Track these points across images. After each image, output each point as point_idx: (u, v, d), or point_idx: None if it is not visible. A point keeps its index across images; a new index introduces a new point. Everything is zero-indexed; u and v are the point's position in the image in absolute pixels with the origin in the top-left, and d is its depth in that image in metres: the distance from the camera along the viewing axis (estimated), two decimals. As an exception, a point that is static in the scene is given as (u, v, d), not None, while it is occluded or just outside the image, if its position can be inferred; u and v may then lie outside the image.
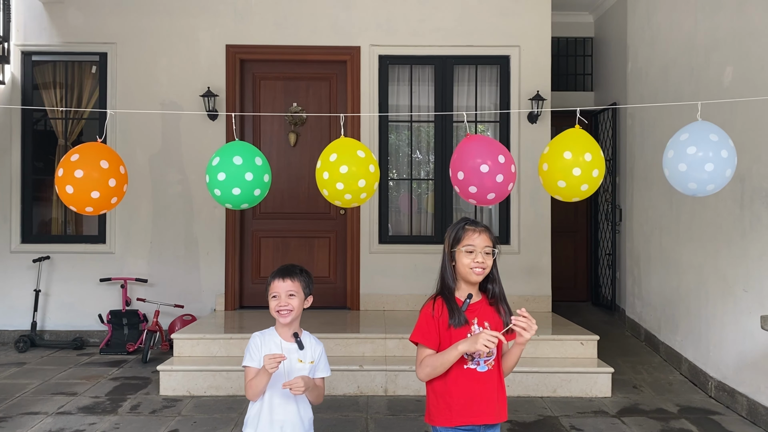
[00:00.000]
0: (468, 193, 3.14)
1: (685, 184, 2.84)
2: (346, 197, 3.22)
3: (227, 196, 3.14)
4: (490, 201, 3.17)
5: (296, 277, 2.55)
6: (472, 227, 2.39)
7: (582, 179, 3.01)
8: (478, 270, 2.34)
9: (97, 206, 3.15)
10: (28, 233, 6.57)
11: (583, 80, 8.32)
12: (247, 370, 2.51)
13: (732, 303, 4.60)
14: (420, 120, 6.65)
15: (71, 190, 3.08)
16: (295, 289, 2.53)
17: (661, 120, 5.85)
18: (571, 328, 5.59)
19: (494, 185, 3.08)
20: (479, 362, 2.34)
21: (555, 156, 3.06)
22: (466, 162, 3.10)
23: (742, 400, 4.45)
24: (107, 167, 3.11)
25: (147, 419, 4.37)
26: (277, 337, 2.57)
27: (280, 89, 6.57)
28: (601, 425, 4.31)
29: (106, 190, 3.10)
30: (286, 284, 2.52)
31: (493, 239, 2.39)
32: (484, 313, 2.41)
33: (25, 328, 6.34)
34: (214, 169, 3.11)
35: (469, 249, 2.35)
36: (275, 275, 2.56)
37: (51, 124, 6.71)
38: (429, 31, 6.43)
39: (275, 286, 2.53)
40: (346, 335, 5.29)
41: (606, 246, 7.65)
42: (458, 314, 2.34)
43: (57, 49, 6.51)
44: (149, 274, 6.40)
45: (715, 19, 4.88)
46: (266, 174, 3.23)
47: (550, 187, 3.16)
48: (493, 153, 3.10)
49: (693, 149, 2.74)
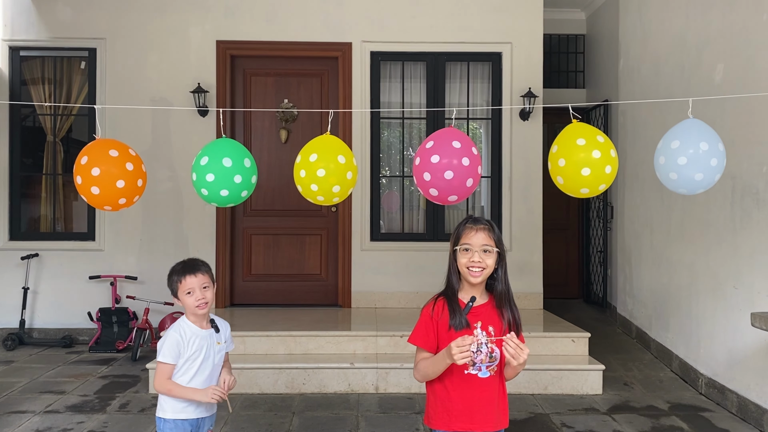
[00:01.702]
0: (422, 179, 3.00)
1: (675, 189, 2.87)
2: (319, 198, 3.21)
3: (214, 197, 3.11)
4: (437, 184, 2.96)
5: (205, 269, 2.70)
6: (472, 225, 2.28)
7: (604, 161, 2.82)
8: (476, 270, 2.23)
9: (128, 194, 3.14)
10: (17, 230, 6.50)
11: (575, 77, 8.32)
12: (164, 367, 2.63)
13: (722, 300, 4.61)
14: (412, 117, 6.63)
15: (97, 191, 3.07)
16: (207, 281, 2.68)
17: (653, 117, 5.85)
18: (562, 325, 5.59)
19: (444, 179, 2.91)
20: (480, 368, 2.25)
21: (568, 149, 2.91)
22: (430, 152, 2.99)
23: (732, 397, 4.46)
24: (117, 155, 3.09)
25: (136, 418, 4.34)
26: (194, 326, 2.70)
27: (271, 85, 6.53)
28: (592, 422, 4.31)
29: (127, 175, 3.09)
30: (199, 279, 2.65)
31: (495, 238, 2.28)
32: (490, 316, 2.29)
33: (13, 326, 6.29)
34: (202, 168, 3.08)
35: (465, 247, 2.26)
36: (185, 272, 2.66)
37: (39, 121, 6.64)
38: (421, 27, 6.40)
39: (188, 282, 2.64)
40: (338, 333, 5.27)
41: (597, 243, 7.66)
42: (459, 316, 2.24)
43: (45, 45, 6.44)
44: (139, 272, 6.35)
45: (707, 17, 4.89)
46: (254, 175, 3.22)
47: (573, 181, 2.91)
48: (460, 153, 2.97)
49: (683, 159, 2.74)
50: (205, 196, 3.15)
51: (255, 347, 5.19)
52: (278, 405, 4.62)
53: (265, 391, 4.89)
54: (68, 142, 6.67)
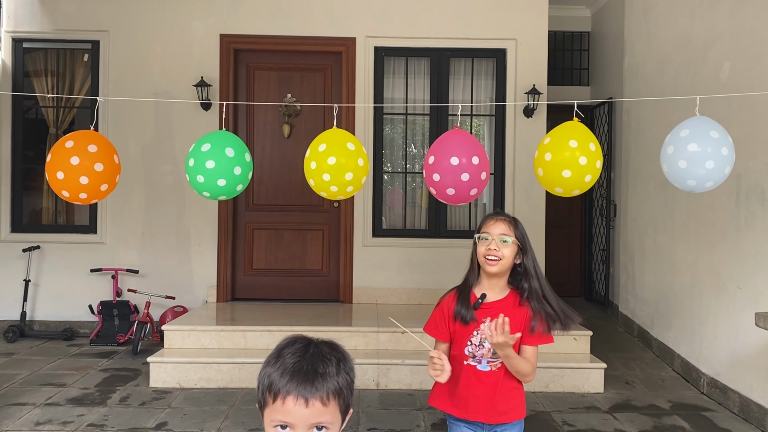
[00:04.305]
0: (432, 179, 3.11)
1: (683, 181, 2.81)
2: (332, 189, 3.16)
3: (210, 185, 3.09)
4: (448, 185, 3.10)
5: (333, 391, 1.26)
6: (493, 216, 2.32)
7: (587, 169, 2.92)
8: (492, 259, 2.25)
9: (90, 192, 3.11)
10: (18, 223, 6.49)
11: (579, 75, 8.29)
12: None
13: (726, 300, 4.59)
14: (415, 113, 6.60)
15: (62, 176, 3.04)
16: (328, 416, 1.25)
17: (657, 116, 5.83)
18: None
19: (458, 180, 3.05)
20: (480, 360, 2.28)
21: (558, 146, 2.97)
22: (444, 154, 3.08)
23: (735, 397, 4.45)
24: (96, 151, 3.07)
25: (136, 411, 4.34)
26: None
27: (274, 80, 6.51)
28: (593, 421, 4.29)
29: (94, 175, 3.06)
30: (312, 411, 1.23)
31: (515, 231, 2.28)
32: (505, 313, 2.16)
33: (14, 318, 6.28)
34: (202, 155, 3.06)
35: (485, 236, 2.28)
36: (290, 384, 1.23)
37: (42, 113, 6.63)
38: (425, 23, 6.38)
39: (288, 410, 1.22)
40: (339, 328, 5.26)
41: (600, 241, 7.64)
42: (466, 309, 2.26)
43: (48, 37, 6.42)
44: (140, 265, 6.34)
45: (713, 15, 4.85)
46: (251, 171, 3.22)
47: (552, 178, 3.01)
48: (469, 151, 3.07)
49: (694, 146, 2.70)
50: (200, 183, 3.11)
51: (256, 342, 5.18)
52: (279, 400, 4.61)
53: (266, 385, 4.87)
54: (71, 134, 6.65)
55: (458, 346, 2.30)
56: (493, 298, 2.30)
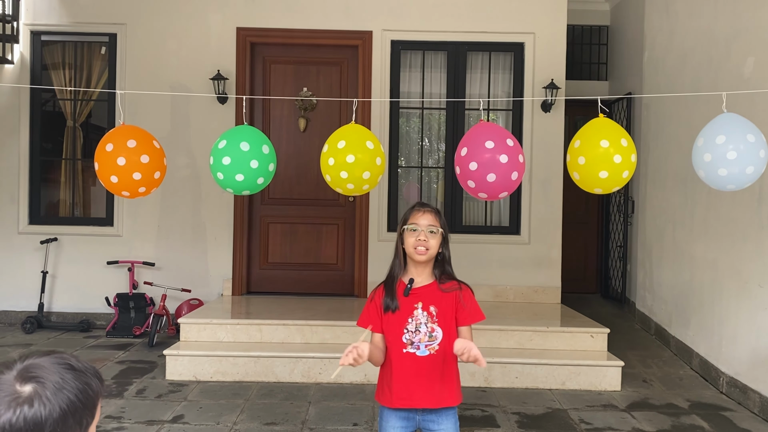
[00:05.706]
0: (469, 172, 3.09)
1: (723, 186, 2.82)
2: (349, 186, 3.16)
3: (229, 181, 3.09)
4: (491, 183, 3.09)
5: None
6: (420, 208, 2.43)
7: (623, 166, 2.90)
8: (421, 249, 2.36)
9: (147, 184, 3.15)
10: (36, 215, 6.54)
11: (597, 69, 8.20)
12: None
13: (747, 299, 4.53)
14: (431, 107, 6.56)
15: (116, 179, 3.10)
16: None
17: (678, 111, 5.74)
18: (580, 320, 5.53)
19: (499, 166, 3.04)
20: (419, 346, 2.34)
21: (590, 149, 2.95)
22: (477, 147, 3.05)
23: (755, 397, 4.39)
24: (135, 145, 3.09)
25: (153, 403, 4.35)
26: None
27: (290, 73, 6.49)
28: (611, 419, 4.25)
29: (142, 168, 3.09)
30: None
31: (441, 221, 2.42)
32: (432, 298, 2.38)
33: (32, 310, 6.34)
34: (219, 152, 3.06)
35: (413, 228, 2.38)
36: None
37: (60, 105, 6.66)
38: (442, 16, 6.32)
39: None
40: (354, 323, 5.24)
41: (617, 238, 7.56)
42: (391, 300, 2.37)
43: (66, 30, 6.45)
44: (156, 258, 6.37)
45: (737, 9, 4.77)
46: (272, 163, 3.18)
47: (590, 180, 2.99)
48: (503, 138, 3.06)
49: (733, 154, 2.69)
50: (220, 180, 3.13)
51: (272, 335, 5.18)
52: (294, 394, 4.62)
53: (281, 379, 4.88)
54: (88, 127, 6.69)
55: (395, 336, 2.37)
56: (422, 284, 2.41)
